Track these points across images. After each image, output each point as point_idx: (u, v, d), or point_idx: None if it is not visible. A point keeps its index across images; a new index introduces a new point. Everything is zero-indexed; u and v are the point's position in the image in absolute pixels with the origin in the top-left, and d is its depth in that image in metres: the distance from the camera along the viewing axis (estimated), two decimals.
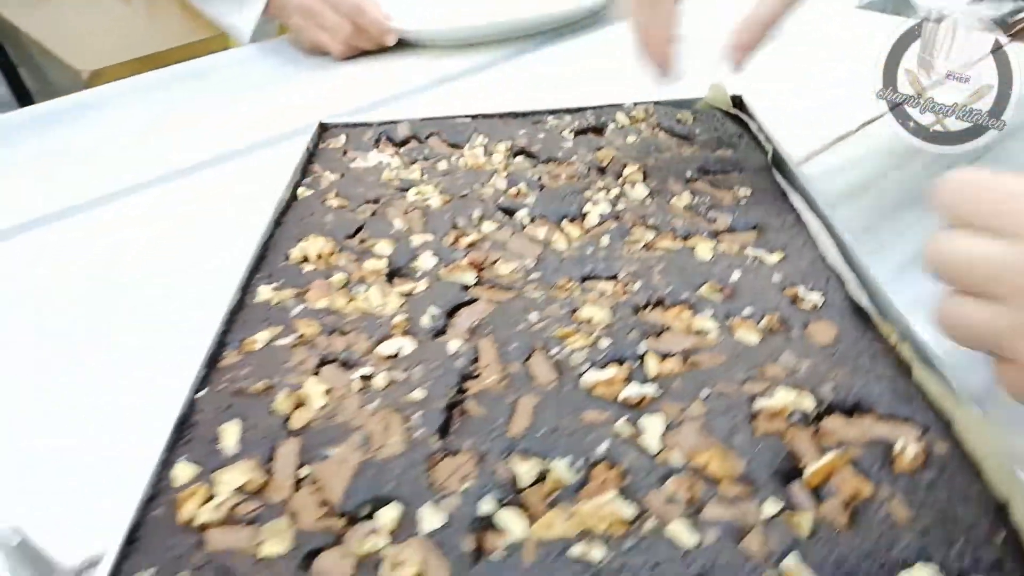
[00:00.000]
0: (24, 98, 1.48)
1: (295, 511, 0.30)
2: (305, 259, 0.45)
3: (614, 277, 0.42)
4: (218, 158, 0.63)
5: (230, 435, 0.33)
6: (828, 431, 0.32)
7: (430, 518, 0.28)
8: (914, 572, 0.26)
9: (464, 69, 0.76)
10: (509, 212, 0.49)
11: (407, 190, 0.52)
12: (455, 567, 0.26)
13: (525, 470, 0.30)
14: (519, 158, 0.55)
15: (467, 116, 0.59)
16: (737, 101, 0.58)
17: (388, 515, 0.29)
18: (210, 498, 0.30)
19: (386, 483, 0.30)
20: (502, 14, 0.81)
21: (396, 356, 0.37)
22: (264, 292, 0.43)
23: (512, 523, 0.28)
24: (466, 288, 0.42)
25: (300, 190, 0.52)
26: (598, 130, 0.58)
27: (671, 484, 0.29)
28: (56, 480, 0.36)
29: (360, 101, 0.70)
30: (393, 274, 0.44)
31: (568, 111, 0.60)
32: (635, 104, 0.60)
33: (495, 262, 0.44)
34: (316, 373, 0.37)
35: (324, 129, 0.60)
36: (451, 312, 0.40)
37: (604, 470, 0.30)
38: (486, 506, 0.29)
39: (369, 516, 0.29)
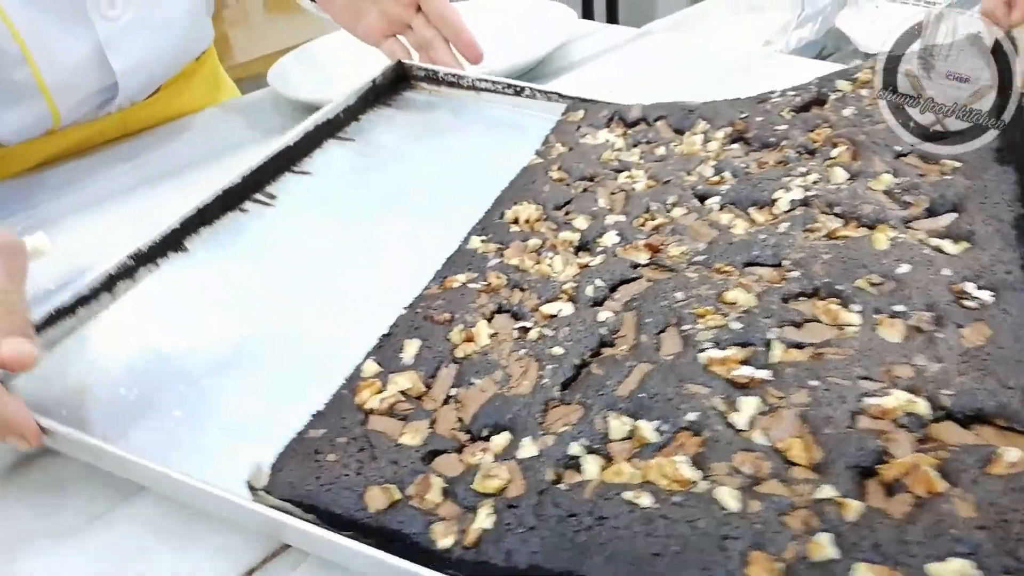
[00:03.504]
0: None
1: (436, 419, 0.38)
2: (515, 220, 0.53)
3: (778, 264, 0.43)
4: None
5: (410, 350, 0.42)
6: (935, 437, 0.32)
7: (527, 448, 0.35)
8: (949, 564, 0.26)
9: None
10: (703, 199, 0.51)
11: (621, 172, 0.56)
12: (530, 488, 0.33)
13: (617, 426, 0.35)
14: (735, 145, 0.57)
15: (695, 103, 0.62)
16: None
17: (500, 440, 0.36)
18: (381, 391, 0.39)
19: (506, 415, 0.37)
20: None
21: (555, 316, 0.43)
22: (475, 242, 0.51)
23: (589, 466, 0.33)
24: (635, 267, 0.46)
25: (531, 158, 0.60)
26: (821, 102, 0.58)
27: (740, 456, 0.32)
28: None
29: None
30: (581, 247, 0.50)
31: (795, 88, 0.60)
32: (857, 66, 0.58)
33: (670, 244, 0.47)
34: (490, 318, 0.44)
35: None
36: (615, 286, 0.45)
37: (687, 436, 0.34)
38: (575, 448, 0.34)
39: (487, 437, 0.37)
